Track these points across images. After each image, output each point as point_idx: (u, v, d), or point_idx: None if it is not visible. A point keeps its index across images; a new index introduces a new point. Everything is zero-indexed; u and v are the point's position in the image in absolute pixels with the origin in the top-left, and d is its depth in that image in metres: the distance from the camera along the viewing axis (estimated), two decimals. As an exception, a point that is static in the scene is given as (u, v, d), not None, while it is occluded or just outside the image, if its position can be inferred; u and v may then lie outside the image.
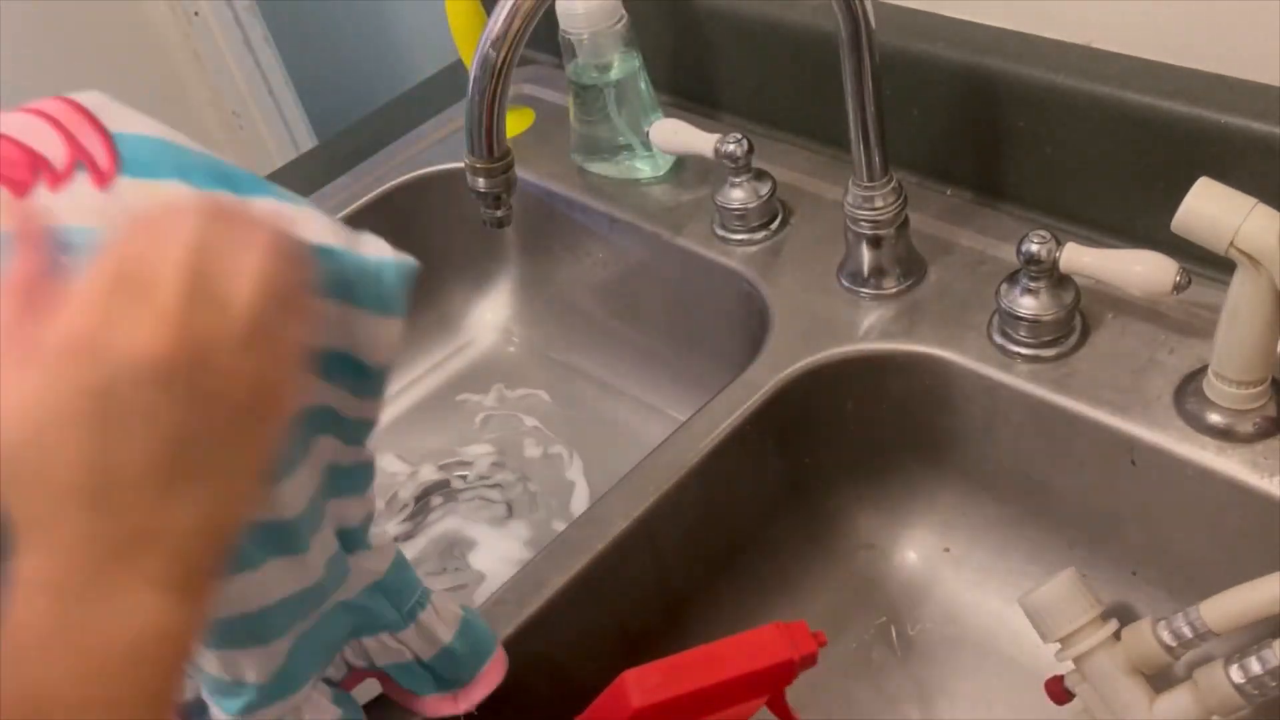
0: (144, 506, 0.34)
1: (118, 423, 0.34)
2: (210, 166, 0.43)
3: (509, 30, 0.56)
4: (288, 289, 0.37)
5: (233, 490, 0.36)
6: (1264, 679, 0.51)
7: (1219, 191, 0.52)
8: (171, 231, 0.36)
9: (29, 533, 0.34)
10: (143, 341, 0.34)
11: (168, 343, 0.34)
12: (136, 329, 0.34)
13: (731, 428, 0.67)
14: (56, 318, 0.35)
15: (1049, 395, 0.63)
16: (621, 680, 0.53)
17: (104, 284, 0.35)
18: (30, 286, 0.36)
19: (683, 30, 0.87)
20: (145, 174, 0.42)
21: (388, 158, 0.97)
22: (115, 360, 0.34)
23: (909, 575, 0.73)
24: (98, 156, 0.42)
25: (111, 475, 0.34)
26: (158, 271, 0.35)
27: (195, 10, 1.30)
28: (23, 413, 0.34)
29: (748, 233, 0.78)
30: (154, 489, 0.34)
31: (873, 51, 0.62)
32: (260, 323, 0.36)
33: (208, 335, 0.35)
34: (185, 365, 0.34)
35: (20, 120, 0.43)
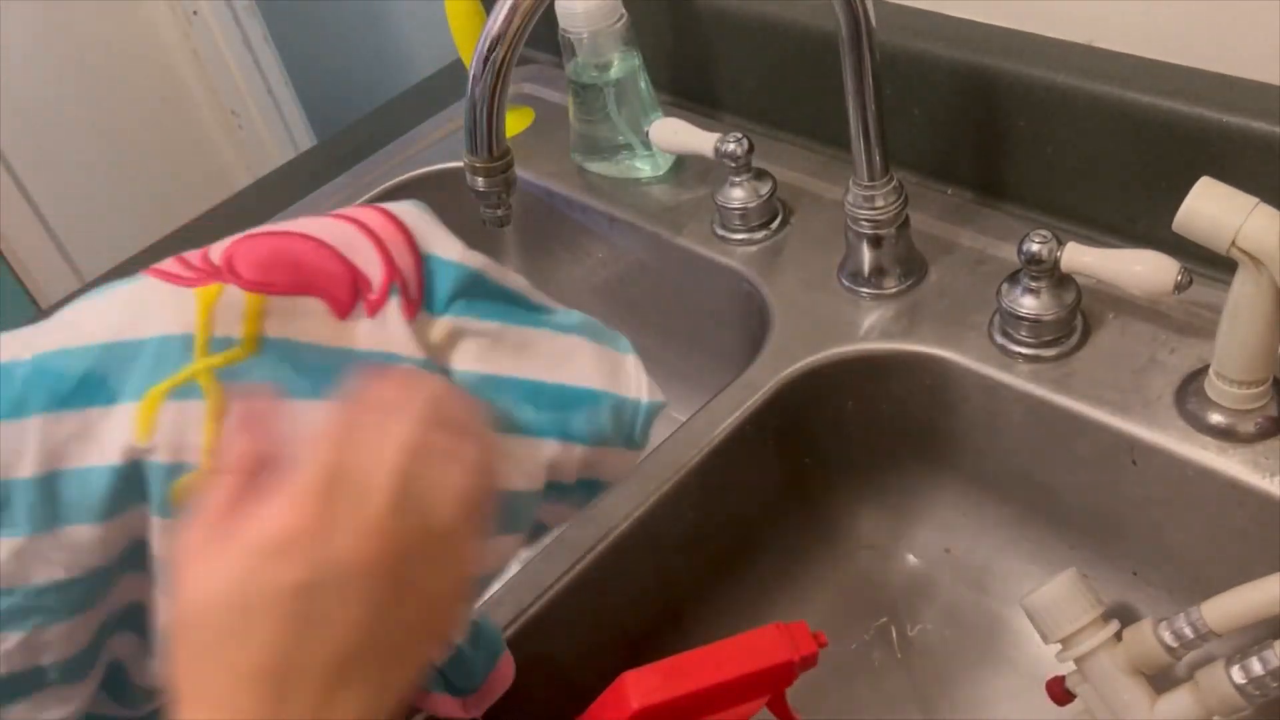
0: (313, 699, 0.34)
1: (314, 620, 0.34)
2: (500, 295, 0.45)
3: (508, 29, 0.56)
4: (483, 507, 0.38)
5: (395, 689, 0.36)
6: (1265, 679, 0.50)
7: (1220, 191, 0.52)
8: (385, 432, 0.36)
9: (192, 706, 0.34)
10: (352, 548, 0.34)
11: (375, 552, 0.34)
12: (347, 534, 0.34)
13: (731, 428, 0.67)
14: (268, 508, 0.35)
15: (1050, 395, 0.63)
16: (621, 681, 0.53)
17: (319, 481, 0.35)
18: (243, 472, 0.36)
19: (683, 29, 0.87)
20: (433, 308, 0.42)
21: (387, 157, 0.97)
22: (324, 562, 0.34)
23: (910, 576, 0.73)
24: (410, 284, 0.42)
25: (293, 667, 0.34)
26: (371, 476, 0.35)
27: (194, 9, 1.30)
28: (213, 597, 0.34)
29: (748, 232, 0.78)
30: (327, 684, 0.34)
31: (873, 50, 0.62)
32: (454, 540, 0.36)
33: (412, 546, 0.35)
34: (386, 575, 0.35)
35: (343, 232, 0.42)
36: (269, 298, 0.40)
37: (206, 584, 0.34)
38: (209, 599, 0.34)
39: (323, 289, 0.41)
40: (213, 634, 0.34)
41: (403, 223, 0.43)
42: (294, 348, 0.40)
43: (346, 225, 0.42)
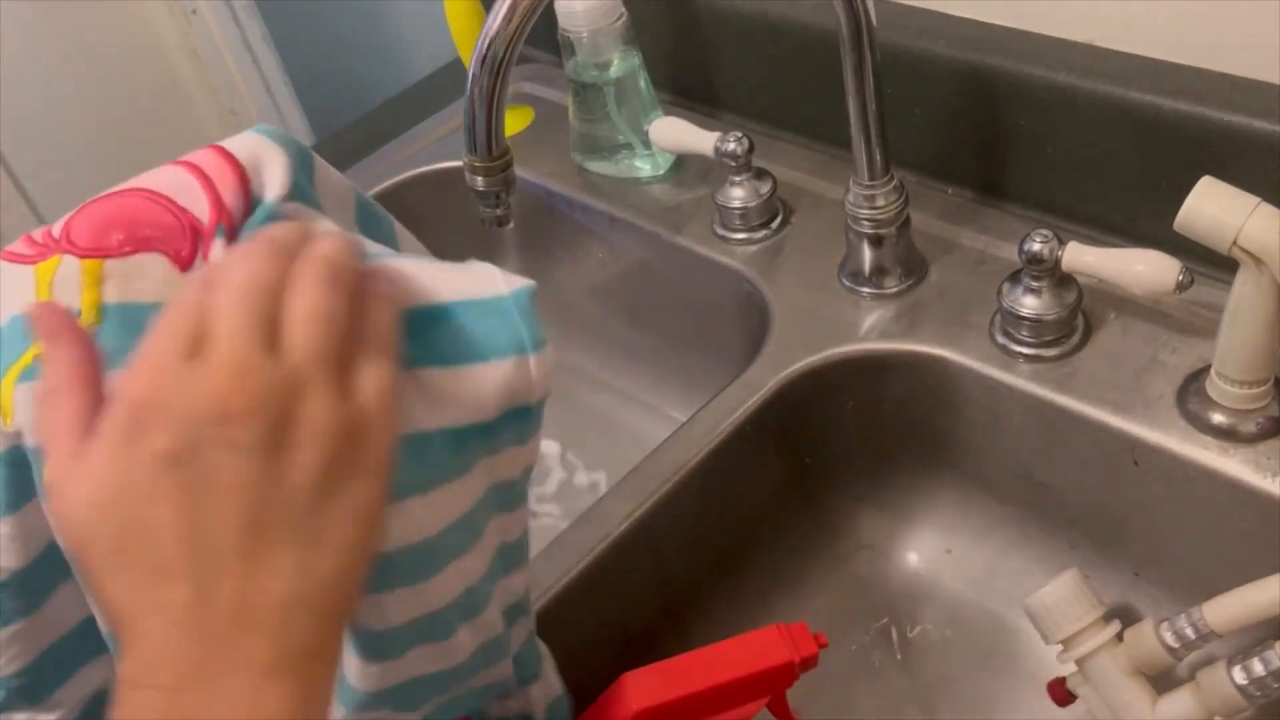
0: (233, 577, 0.32)
1: (192, 490, 0.32)
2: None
3: (508, 28, 0.56)
4: (354, 325, 0.35)
5: (329, 553, 0.33)
6: (1266, 680, 0.50)
7: (1221, 191, 0.51)
8: (227, 276, 0.34)
9: (124, 625, 0.32)
10: (207, 398, 0.32)
11: (232, 395, 0.32)
12: (199, 385, 0.32)
13: (732, 428, 0.67)
14: (117, 390, 0.33)
15: (1051, 395, 0.63)
16: (621, 682, 0.53)
17: (161, 346, 0.33)
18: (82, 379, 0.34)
19: (683, 28, 0.86)
20: None
21: (386, 156, 0.97)
22: (179, 422, 0.32)
23: (910, 576, 0.73)
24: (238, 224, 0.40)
25: (197, 548, 0.32)
26: (215, 322, 0.33)
27: (193, 9, 1.30)
28: (99, 495, 0.32)
29: (748, 232, 0.78)
30: (239, 558, 0.32)
31: (874, 50, 0.61)
32: (323, 365, 0.33)
33: (276, 381, 0.33)
34: (249, 415, 0.32)
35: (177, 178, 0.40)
36: (105, 262, 0.38)
37: (81, 493, 0.32)
38: (94, 508, 0.32)
39: (160, 243, 0.38)
40: (111, 541, 0.32)
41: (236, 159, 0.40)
42: (138, 310, 0.38)
43: (180, 170, 0.40)
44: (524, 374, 0.40)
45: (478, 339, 0.39)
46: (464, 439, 0.40)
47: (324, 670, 0.34)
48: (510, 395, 0.40)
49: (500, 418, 0.40)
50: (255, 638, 0.32)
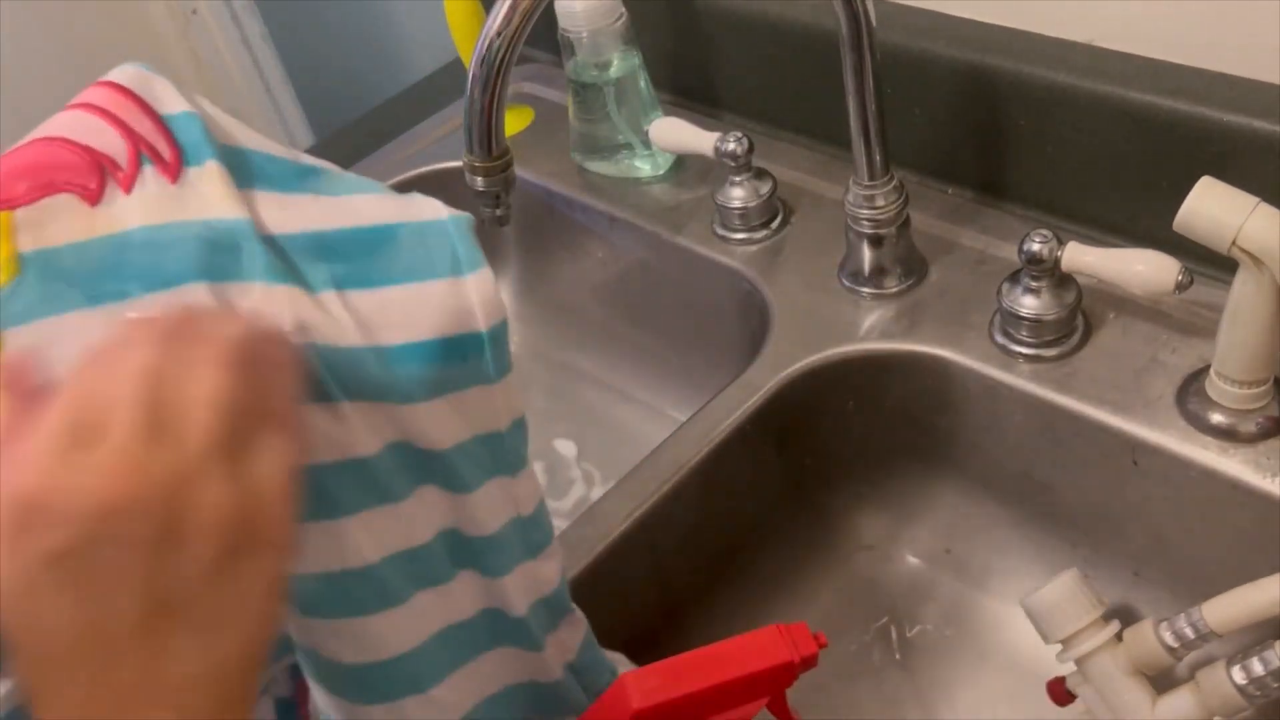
0: (133, 661, 0.32)
1: (87, 582, 0.32)
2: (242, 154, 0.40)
3: (508, 28, 0.56)
4: (254, 401, 0.34)
5: (232, 632, 0.34)
6: (1266, 680, 0.50)
7: (1221, 190, 0.51)
8: (120, 363, 0.33)
9: (34, 696, 0.33)
10: (98, 492, 0.31)
11: (124, 488, 0.32)
12: (90, 479, 0.31)
13: (731, 428, 0.67)
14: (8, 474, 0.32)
15: (1050, 395, 0.63)
16: (621, 682, 0.53)
17: (53, 433, 0.32)
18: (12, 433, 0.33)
19: (682, 28, 0.86)
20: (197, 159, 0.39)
21: (386, 156, 0.97)
22: (67, 520, 0.31)
23: (910, 576, 0.73)
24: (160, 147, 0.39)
25: (97, 637, 0.32)
26: (107, 411, 0.32)
27: (193, 9, 1.30)
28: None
29: (748, 232, 0.78)
30: (139, 641, 0.32)
31: (873, 50, 0.61)
32: (218, 449, 0.33)
33: (169, 472, 0.32)
34: (139, 510, 0.32)
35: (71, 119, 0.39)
36: (13, 213, 0.37)
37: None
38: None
39: (65, 183, 0.38)
40: (13, 630, 0.32)
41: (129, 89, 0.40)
42: (54, 255, 0.37)
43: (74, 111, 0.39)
44: (461, 295, 0.40)
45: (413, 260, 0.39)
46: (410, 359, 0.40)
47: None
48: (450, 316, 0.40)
49: (447, 343, 0.40)
50: (159, 710, 0.32)
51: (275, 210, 0.40)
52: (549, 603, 0.48)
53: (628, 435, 0.86)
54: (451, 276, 0.40)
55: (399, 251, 0.40)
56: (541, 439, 0.89)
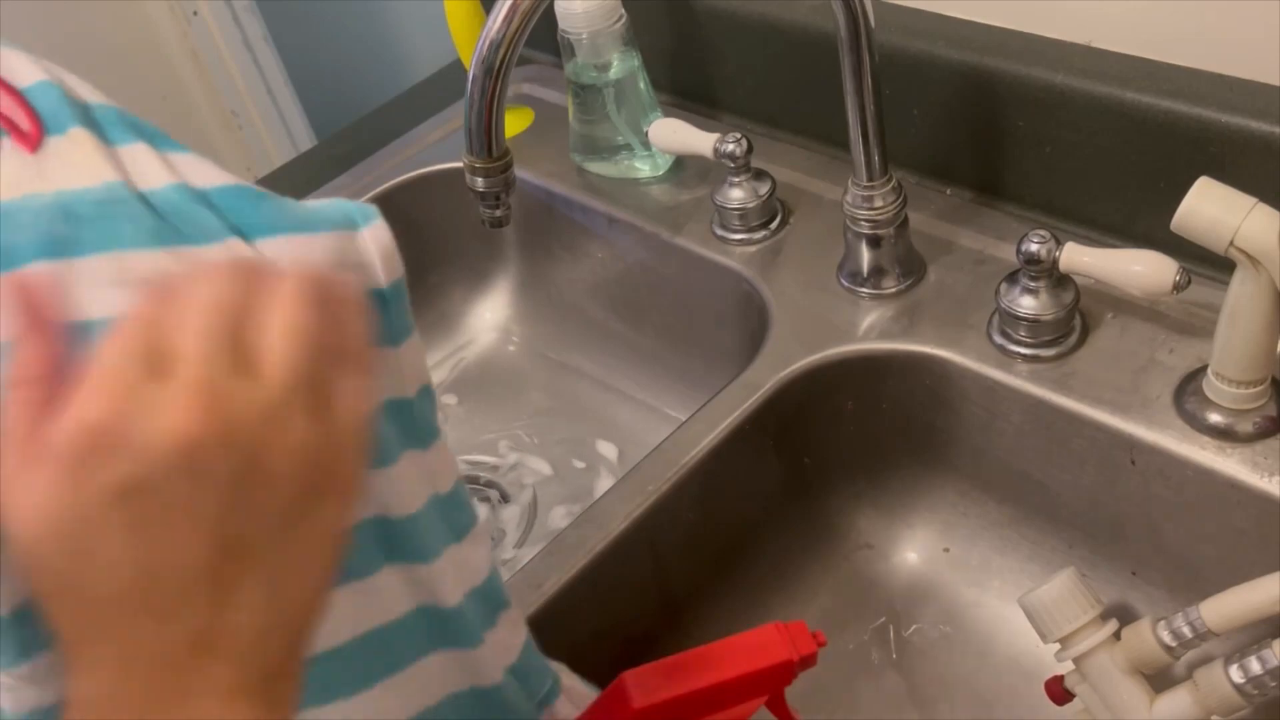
0: (199, 609, 0.30)
1: (155, 520, 0.30)
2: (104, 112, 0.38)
3: (508, 30, 0.56)
4: (332, 340, 0.33)
5: (299, 581, 0.32)
6: (1264, 679, 0.50)
7: (1219, 191, 0.52)
8: (189, 295, 0.32)
9: (78, 649, 0.31)
10: (169, 425, 0.29)
11: (197, 422, 0.30)
12: (160, 412, 0.29)
13: (731, 428, 0.67)
14: (70, 408, 0.30)
15: (1049, 395, 0.63)
16: (620, 681, 0.53)
17: (120, 363, 0.30)
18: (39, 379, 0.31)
19: (682, 30, 0.87)
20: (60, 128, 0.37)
21: (387, 157, 0.97)
22: (141, 451, 0.29)
23: (908, 575, 0.73)
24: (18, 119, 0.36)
25: (158, 579, 0.30)
26: (178, 342, 0.30)
27: (194, 10, 1.30)
28: (45, 521, 0.30)
29: (747, 232, 0.78)
30: (207, 589, 0.30)
31: (872, 51, 0.62)
32: (302, 386, 0.31)
33: (242, 409, 0.30)
34: (221, 445, 0.30)
35: None
36: None
37: (31, 515, 0.30)
38: (39, 532, 0.30)
39: None
40: (61, 568, 0.30)
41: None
42: None
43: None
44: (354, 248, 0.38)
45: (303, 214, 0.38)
46: None
47: (290, 689, 0.33)
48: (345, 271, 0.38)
49: None
50: (220, 665, 0.31)
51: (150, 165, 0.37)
52: (483, 594, 0.45)
53: (627, 435, 0.87)
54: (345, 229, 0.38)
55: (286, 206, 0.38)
56: (540, 439, 0.89)
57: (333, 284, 0.34)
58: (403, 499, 0.41)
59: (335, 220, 0.38)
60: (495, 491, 0.86)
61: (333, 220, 0.38)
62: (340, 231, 0.38)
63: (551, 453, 0.88)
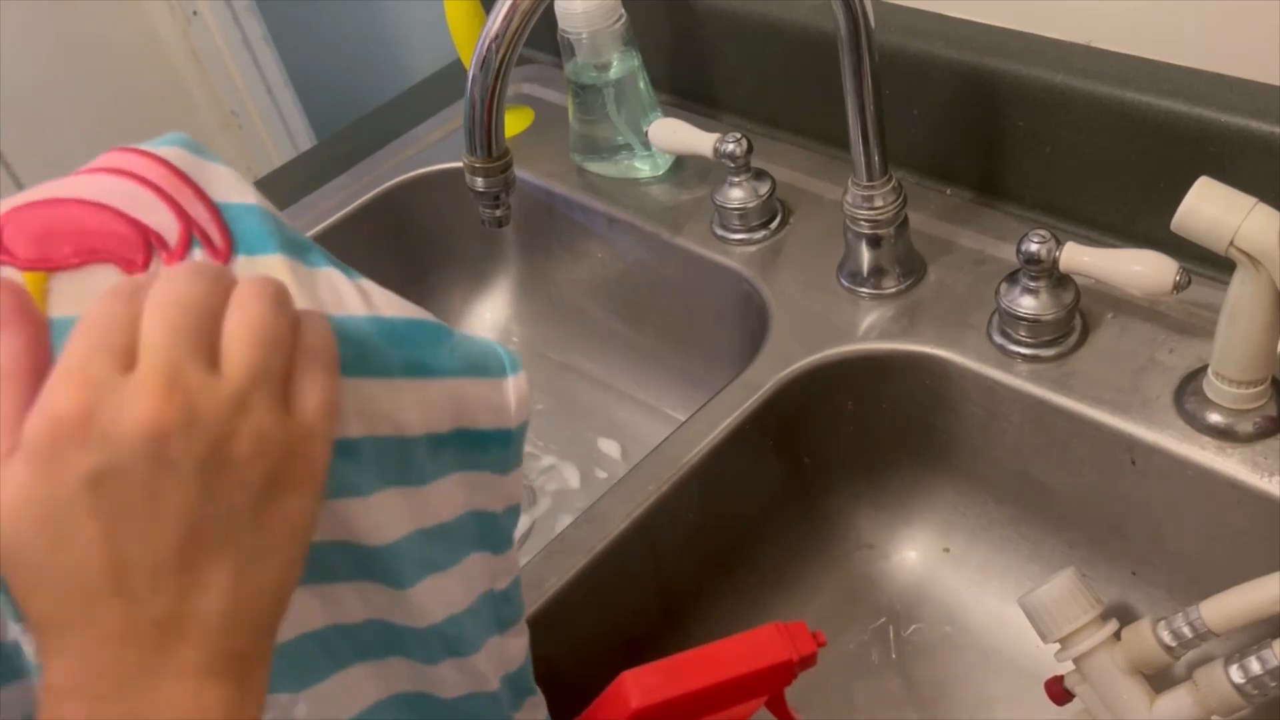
0: (168, 593, 0.31)
1: (125, 508, 0.31)
2: (299, 240, 0.40)
3: (507, 29, 0.56)
4: (295, 337, 0.34)
5: (266, 566, 0.33)
6: (1264, 679, 0.50)
7: (1219, 191, 0.52)
8: (154, 292, 0.33)
9: (49, 635, 0.32)
10: (136, 415, 0.31)
11: (163, 412, 0.31)
12: (127, 402, 0.31)
13: (731, 428, 0.67)
14: (39, 400, 0.31)
15: (1049, 395, 0.63)
16: (620, 681, 0.53)
17: (86, 355, 0.31)
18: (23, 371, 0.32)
19: (682, 29, 0.87)
20: (256, 249, 0.38)
21: (387, 157, 0.97)
22: (108, 440, 0.30)
23: (908, 575, 0.73)
24: (211, 232, 0.38)
25: (127, 565, 0.31)
26: (143, 335, 0.32)
27: (194, 10, 1.30)
28: (18, 509, 0.31)
29: (747, 232, 0.78)
30: (175, 574, 0.31)
31: (872, 51, 0.62)
32: (265, 379, 0.33)
33: (206, 399, 0.31)
34: (185, 435, 0.31)
35: (122, 188, 0.38)
36: (51, 274, 0.36)
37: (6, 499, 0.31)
38: (15, 517, 0.31)
39: (112, 253, 0.37)
40: (36, 555, 0.31)
41: (180, 170, 0.39)
42: None
43: (122, 180, 0.38)
44: (500, 395, 0.42)
45: (477, 357, 0.41)
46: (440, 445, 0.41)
47: (259, 672, 0.34)
48: (488, 412, 0.42)
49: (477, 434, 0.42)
50: (189, 647, 0.32)
51: (346, 292, 0.40)
52: (514, 680, 0.48)
53: (627, 435, 0.87)
54: (496, 377, 0.42)
55: (459, 346, 0.41)
56: (540, 439, 0.89)
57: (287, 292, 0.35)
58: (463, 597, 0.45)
59: (494, 368, 0.42)
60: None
61: (492, 369, 0.42)
62: (495, 379, 0.42)
63: (550, 453, 0.88)
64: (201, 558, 0.32)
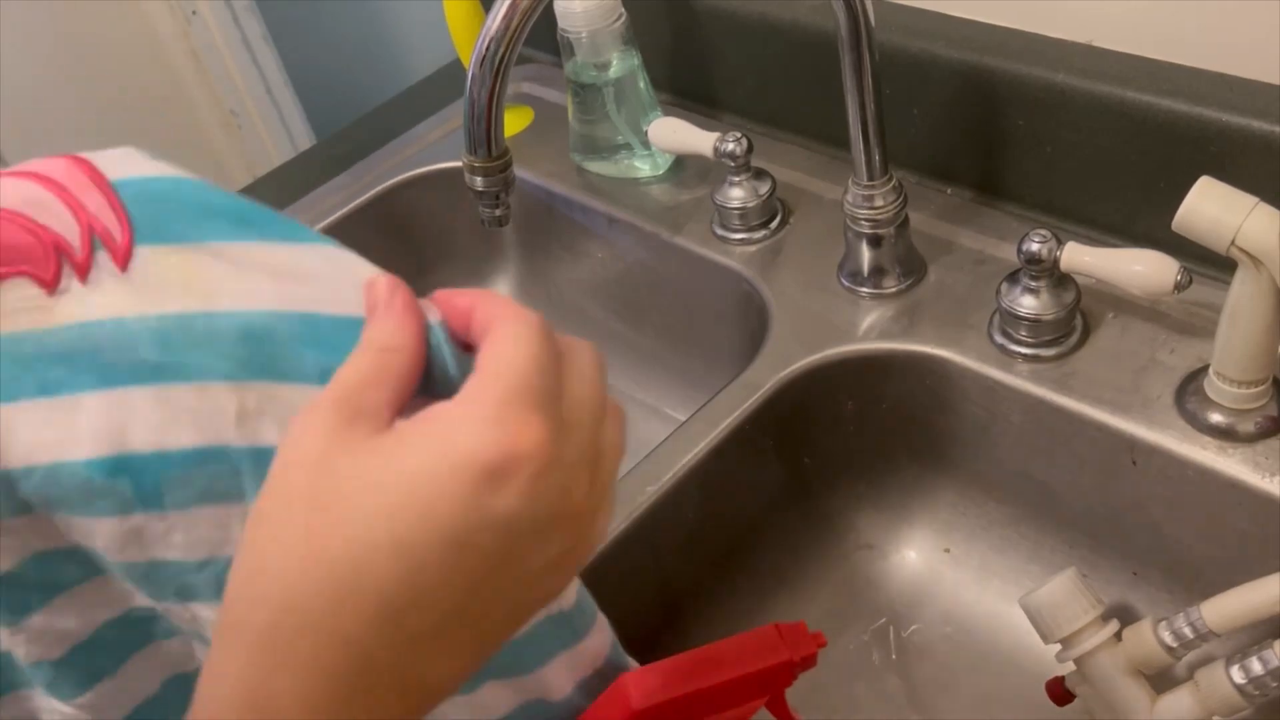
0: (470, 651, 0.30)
1: (510, 558, 0.29)
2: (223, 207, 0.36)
3: (507, 29, 0.56)
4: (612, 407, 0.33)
5: (510, 630, 0.31)
6: (1265, 679, 0.50)
7: (1220, 191, 0.51)
8: (575, 354, 0.32)
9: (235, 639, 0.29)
10: (572, 491, 0.29)
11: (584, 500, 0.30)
12: (573, 474, 0.29)
13: (731, 428, 0.67)
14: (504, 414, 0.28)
15: (1049, 395, 0.63)
16: (621, 681, 0.53)
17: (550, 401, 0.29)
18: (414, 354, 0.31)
19: (682, 29, 0.86)
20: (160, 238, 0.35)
21: (386, 157, 0.97)
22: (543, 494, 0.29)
23: (909, 575, 0.73)
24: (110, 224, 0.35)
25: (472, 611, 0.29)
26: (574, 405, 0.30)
27: (194, 9, 1.30)
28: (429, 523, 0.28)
29: (747, 232, 0.78)
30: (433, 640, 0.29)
31: (872, 50, 0.61)
32: (592, 446, 0.31)
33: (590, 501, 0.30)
34: (576, 523, 0.30)
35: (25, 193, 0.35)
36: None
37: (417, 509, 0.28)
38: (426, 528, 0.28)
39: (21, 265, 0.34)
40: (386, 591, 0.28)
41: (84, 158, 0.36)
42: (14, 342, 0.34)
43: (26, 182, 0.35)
44: None
45: None
46: None
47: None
48: None
49: None
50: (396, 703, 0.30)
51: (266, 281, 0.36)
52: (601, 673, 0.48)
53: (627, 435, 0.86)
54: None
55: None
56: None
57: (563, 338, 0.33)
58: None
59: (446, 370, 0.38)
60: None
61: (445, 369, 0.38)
62: None
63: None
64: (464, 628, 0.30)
